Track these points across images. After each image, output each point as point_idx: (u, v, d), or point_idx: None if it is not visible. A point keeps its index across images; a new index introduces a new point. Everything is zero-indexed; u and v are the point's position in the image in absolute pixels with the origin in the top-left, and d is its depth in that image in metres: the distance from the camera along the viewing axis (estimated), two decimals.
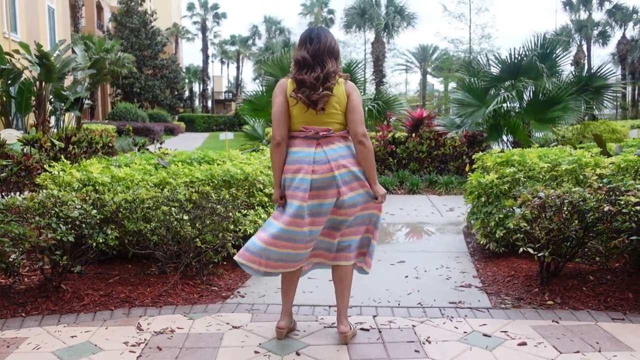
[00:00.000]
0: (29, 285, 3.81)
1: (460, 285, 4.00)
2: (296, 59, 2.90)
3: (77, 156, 7.89)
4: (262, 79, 15.14)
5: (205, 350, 2.87)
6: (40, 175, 4.50)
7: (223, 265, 4.24)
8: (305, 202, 2.81)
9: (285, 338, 3.02)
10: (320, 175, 2.83)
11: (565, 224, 3.51)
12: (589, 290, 3.68)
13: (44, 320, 3.29)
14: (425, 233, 6.05)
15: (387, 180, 8.98)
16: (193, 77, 55.25)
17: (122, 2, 36.31)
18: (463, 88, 9.79)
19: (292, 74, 2.89)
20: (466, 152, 9.99)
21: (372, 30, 37.82)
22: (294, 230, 2.82)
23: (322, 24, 49.00)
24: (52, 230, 3.44)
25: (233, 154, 5.62)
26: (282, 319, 3.04)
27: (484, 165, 5.30)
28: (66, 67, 14.57)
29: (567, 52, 9.72)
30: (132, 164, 5.05)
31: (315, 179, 2.82)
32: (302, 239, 2.84)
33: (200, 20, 52.16)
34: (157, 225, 3.84)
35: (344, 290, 3.01)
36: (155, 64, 37.12)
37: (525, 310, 3.44)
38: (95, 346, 2.93)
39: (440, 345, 2.93)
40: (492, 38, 37.63)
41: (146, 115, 30.11)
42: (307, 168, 2.83)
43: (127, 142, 17.21)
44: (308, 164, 2.84)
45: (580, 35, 43.07)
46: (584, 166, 4.53)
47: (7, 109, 13.62)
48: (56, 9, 21.43)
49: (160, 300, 3.60)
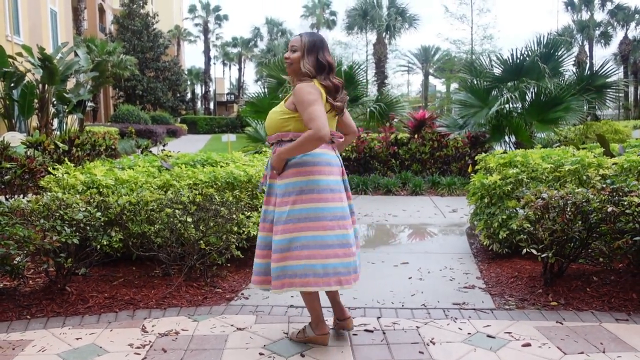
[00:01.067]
0: (33, 287, 3.82)
1: (463, 286, 4.00)
2: (327, 62, 2.87)
3: (80, 159, 7.91)
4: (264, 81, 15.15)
5: (210, 352, 2.88)
6: (44, 178, 4.52)
7: (227, 267, 4.25)
8: (345, 202, 2.89)
9: (290, 339, 3.03)
10: (340, 178, 2.95)
11: (569, 224, 3.51)
12: (592, 291, 3.68)
13: (49, 323, 3.30)
14: (428, 234, 6.05)
15: (389, 181, 8.98)
16: (195, 79, 55.37)
17: (124, 5, 36.38)
18: (465, 89, 9.80)
19: (323, 79, 2.85)
20: (469, 153, 9.99)
21: (374, 32, 37.79)
22: (345, 232, 2.83)
23: (324, 25, 49.05)
24: (57, 233, 3.45)
25: (236, 156, 5.63)
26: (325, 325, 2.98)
27: (487, 166, 5.30)
28: (69, 69, 14.63)
29: (570, 52, 9.73)
30: (136, 166, 5.07)
31: (340, 180, 2.95)
32: (352, 239, 2.89)
33: (202, 22, 52.28)
34: (161, 228, 3.85)
35: None
36: (158, 66, 37.18)
37: (529, 311, 3.44)
38: (100, 348, 2.94)
39: (444, 347, 2.93)
40: (494, 39, 37.53)
41: (148, 117, 30.16)
42: (337, 170, 2.93)
43: (129, 145, 17.25)
44: (337, 167, 2.94)
45: (582, 35, 43.00)
46: (587, 167, 4.53)
47: (10, 112, 13.67)
48: (58, 12, 21.48)
49: (164, 302, 3.61)
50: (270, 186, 2.95)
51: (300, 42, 2.90)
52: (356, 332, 3.13)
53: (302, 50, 2.88)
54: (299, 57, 2.88)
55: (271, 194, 2.93)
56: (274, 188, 2.91)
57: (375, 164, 10.05)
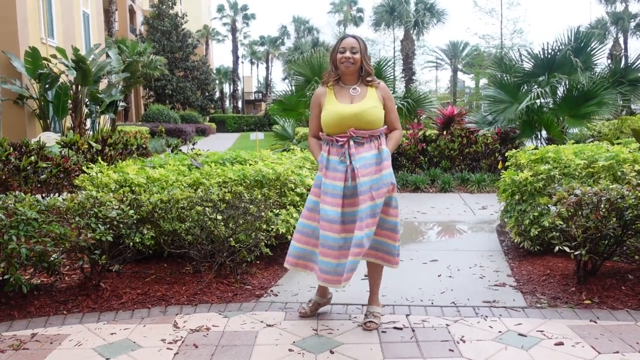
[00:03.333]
0: (69, 283, 3.93)
1: (494, 284, 3.96)
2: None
3: (113, 158, 8.08)
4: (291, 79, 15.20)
5: (240, 348, 2.92)
6: (79, 177, 4.63)
7: (256, 264, 4.29)
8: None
9: (319, 336, 3.05)
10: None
11: (603, 221, 3.44)
12: (628, 289, 3.60)
13: (85, 318, 3.39)
14: (457, 232, 5.99)
15: (418, 178, 8.92)
16: (223, 78, 55.89)
17: (153, 6, 36.91)
18: (495, 84, 9.64)
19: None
20: (499, 150, 9.84)
21: (402, 28, 37.53)
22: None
23: (351, 22, 48.94)
24: (92, 230, 3.54)
25: (264, 154, 5.68)
26: None
27: (518, 162, 5.22)
28: (101, 70, 14.94)
29: (603, 45, 9.49)
30: (166, 165, 5.15)
31: None
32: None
33: (230, 22, 52.69)
34: (192, 225, 3.91)
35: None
36: (187, 66, 37.62)
37: (561, 309, 3.38)
38: (134, 343, 3.00)
39: (474, 345, 2.91)
40: (524, 33, 36.88)
41: (178, 116, 30.55)
42: None
43: (160, 144, 17.50)
44: None
45: (616, 27, 41.95)
46: (621, 162, 4.42)
47: (45, 113, 14.04)
48: (91, 14, 21.94)
49: (195, 299, 3.67)
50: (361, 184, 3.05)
51: (358, 44, 3.11)
52: (385, 330, 3.13)
53: (362, 52, 3.11)
54: (360, 57, 3.10)
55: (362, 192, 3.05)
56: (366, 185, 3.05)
57: (403, 161, 9.99)
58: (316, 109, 3.23)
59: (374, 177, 3.06)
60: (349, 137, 3.04)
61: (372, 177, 3.05)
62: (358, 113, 3.04)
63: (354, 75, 3.16)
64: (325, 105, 3.15)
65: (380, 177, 3.08)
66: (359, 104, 3.09)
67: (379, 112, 3.11)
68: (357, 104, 3.09)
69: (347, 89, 3.16)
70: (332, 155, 3.10)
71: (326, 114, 3.10)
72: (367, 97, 3.12)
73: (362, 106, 3.07)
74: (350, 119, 3.04)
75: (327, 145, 3.15)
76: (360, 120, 3.04)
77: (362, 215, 3.00)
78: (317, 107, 3.23)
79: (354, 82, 3.17)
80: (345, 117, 3.04)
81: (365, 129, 3.05)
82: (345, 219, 3.03)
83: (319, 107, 3.20)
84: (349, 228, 3.03)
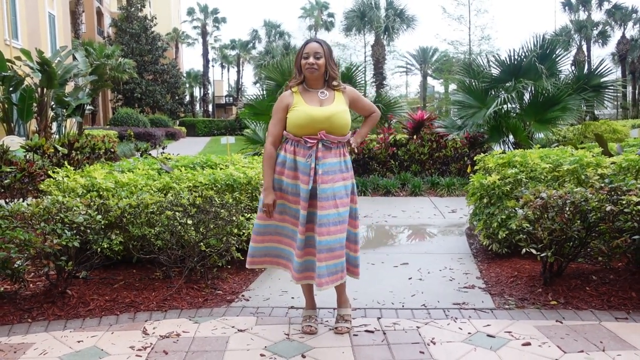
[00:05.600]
0: (34, 291, 3.83)
1: (463, 286, 4.01)
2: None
3: (80, 162, 7.92)
4: (262, 83, 15.17)
5: (211, 353, 2.89)
6: (44, 182, 4.53)
7: (227, 269, 4.26)
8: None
9: (291, 340, 3.04)
10: None
11: (568, 224, 3.52)
12: (592, 290, 3.70)
13: (50, 326, 3.31)
14: (428, 235, 6.06)
15: (388, 182, 8.99)
16: (194, 82, 55.38)
17: (122, 8, 36.43)
18: (463, 90, 9.81)
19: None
20: (467, 154, 10.00)
21: (372, 33, 37.78)
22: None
23: (322, 27, 49.08)
24: (58, 236, 3.46)
25: (235, 158, 5.65)
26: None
27: (486, 166, 5.31)
28: (67, 73, 14.63)
29: (567, 52, 9.76)
30: (135, 169, 5.08)
31: None
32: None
33: (200, 25, 52.27)
34: (161, 230, 3.86)
35: None
36: (156, 69, 37.21)
37: (528, 310, 3.45)
38: (101, 351, 2.94)
39: (444, 346, 2.94)
40: (491, 39, 37.54)
41: (147, 120, 30.18)
42: None
43: (129, 148, 17.25)
44: None
45: (580, 35, 43.10)
46: (585, 166, 4.54)
47: (9, 116, 13.67)
48: (57, 16, 21.50)
49: (165, 305, 3.62)
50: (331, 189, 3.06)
51: (322, 48, 3.09)
52: (357, 333, 3.14)
53: (326, 56, 3.09)
54: (324, 62, 3.08)
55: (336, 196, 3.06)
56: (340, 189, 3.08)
57: (374, 165, 10.06)
58: (280, 113, 3.12)
59: (336, 185, 3.04)
60: (318, 140, 3.03)
61: (334, 184, 3.03)
62: (330, 116, 3.02)
63: (319, 80, 3.12)
64: (293, 107, 3.07)
65: (345, 186, 3.08)
66: (329, 106, 3.07)
67: (348, 117, 3.11)
68: (327, 107, 3.07)
69: (315, 93, 3.12)
70: (298, 156, 3.06)
71: (297, 115, 3.04)
72: (335, 101, 3.11)
73: (334, 109, 3.05)
74: (322, 122, 3.01)
75: (292, 146, 3.09)
76: (332, 123, 3.02)
77: (324, 221, 2.97)
78: (281, 111, 3.12)
79: (320, 87, 3.14)
80: (317, 120, 3.01)
81: (334, 134, 3.04)
82: (306, 219, 3.05)
83: (284, 110, 3.11)
84: (309, 227, 3.04)
